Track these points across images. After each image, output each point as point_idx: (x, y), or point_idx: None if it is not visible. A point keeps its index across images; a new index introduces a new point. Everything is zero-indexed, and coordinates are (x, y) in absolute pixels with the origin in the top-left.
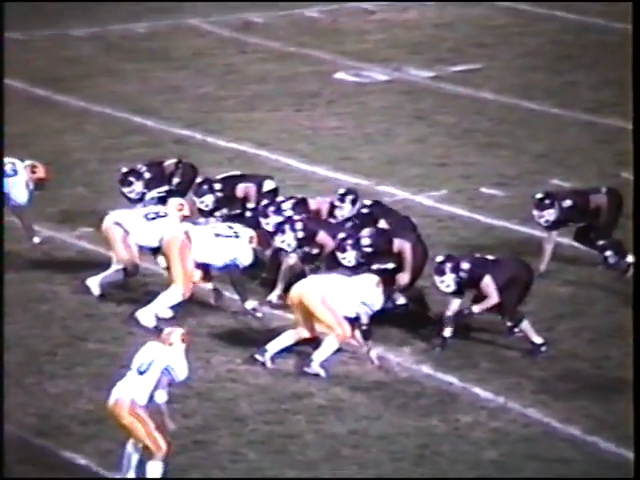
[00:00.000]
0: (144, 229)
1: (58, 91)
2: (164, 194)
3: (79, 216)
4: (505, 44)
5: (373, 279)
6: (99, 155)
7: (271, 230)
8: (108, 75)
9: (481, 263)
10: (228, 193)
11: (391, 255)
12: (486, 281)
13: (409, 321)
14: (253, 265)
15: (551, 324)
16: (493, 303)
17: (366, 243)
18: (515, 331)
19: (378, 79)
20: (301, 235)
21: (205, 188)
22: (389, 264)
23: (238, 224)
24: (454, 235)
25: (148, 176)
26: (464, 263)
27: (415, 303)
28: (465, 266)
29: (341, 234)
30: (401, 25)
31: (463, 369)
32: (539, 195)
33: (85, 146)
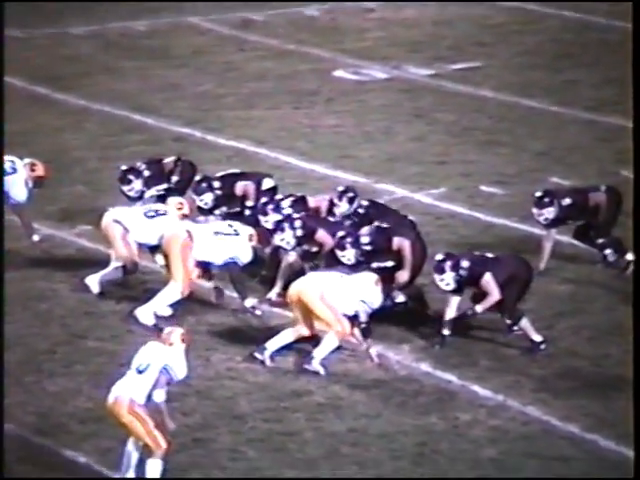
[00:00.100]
0: (144, 227)
1: (57, 89)
2: (163, 192)
3: (78, 214)
4: (505, 42)
5: (372, 277)
6: (98, 153)
7: (270, 228)
8: (108, 73)
9: (481, 261)
10: (227, 191)
11: (390, 253)
12: (486, 278)
13: (408, 319)
14: (252, 263)
15: (550, 322)
16: (495, 300)
17: (365, 241)
18: (514, 329)
19: (377, 77)
20: (300, 233)
21: (204, 186)
22: (388, 262)
23: (237, 222)
24: (454, 233)
25: (147, 174)
26: (464, 261)
27: (414, 301)
28: (465, 264)
29: (340, 232)
30: (400, 23)
31: (462, 367)
32: (539, 193)
33: (84, 144)
